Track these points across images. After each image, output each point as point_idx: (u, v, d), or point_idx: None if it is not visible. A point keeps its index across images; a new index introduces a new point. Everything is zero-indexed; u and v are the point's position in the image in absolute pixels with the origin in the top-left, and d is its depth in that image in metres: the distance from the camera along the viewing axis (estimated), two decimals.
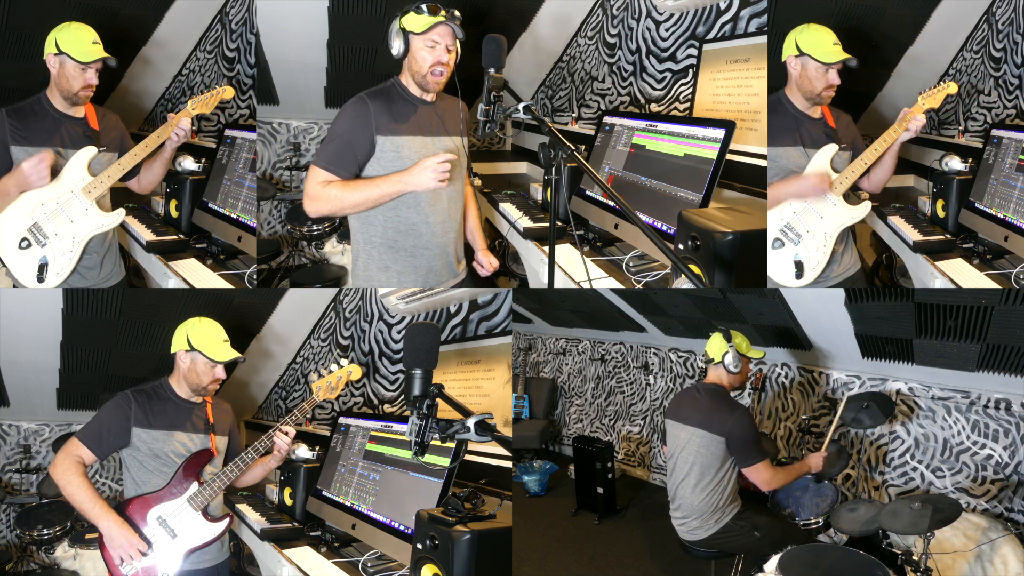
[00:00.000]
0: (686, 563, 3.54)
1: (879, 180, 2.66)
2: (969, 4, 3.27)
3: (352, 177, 2.40)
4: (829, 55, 2.49)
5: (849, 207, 2.59)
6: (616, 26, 3.76)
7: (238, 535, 3.35)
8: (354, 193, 2.35)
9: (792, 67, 2.57)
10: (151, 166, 2.81)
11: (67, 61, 2.56)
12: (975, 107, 3.42)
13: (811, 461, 3.00)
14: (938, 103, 2.57)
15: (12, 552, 3.95)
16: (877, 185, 2.68)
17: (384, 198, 2.37)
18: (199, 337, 2.58)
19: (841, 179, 2.57)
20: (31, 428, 4.13)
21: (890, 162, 2.61)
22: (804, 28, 2.55)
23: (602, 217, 3.15)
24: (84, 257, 2.69)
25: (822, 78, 2.51)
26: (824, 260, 2.59)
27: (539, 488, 4.91)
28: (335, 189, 2.35)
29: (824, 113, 2.61)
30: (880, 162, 2.61)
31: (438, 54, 2.34)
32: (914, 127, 2.51)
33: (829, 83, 2.51)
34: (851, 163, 2.59)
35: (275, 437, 2.68)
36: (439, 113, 2.46)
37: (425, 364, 1.79)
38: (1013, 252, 2.82)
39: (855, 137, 2.65)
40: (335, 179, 2.37)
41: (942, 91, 2.59)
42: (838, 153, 2.58)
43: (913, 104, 2.56)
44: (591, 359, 5.49)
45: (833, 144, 2.57)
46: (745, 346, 3.02)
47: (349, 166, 2.38)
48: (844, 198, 2.59)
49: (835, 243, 2.59)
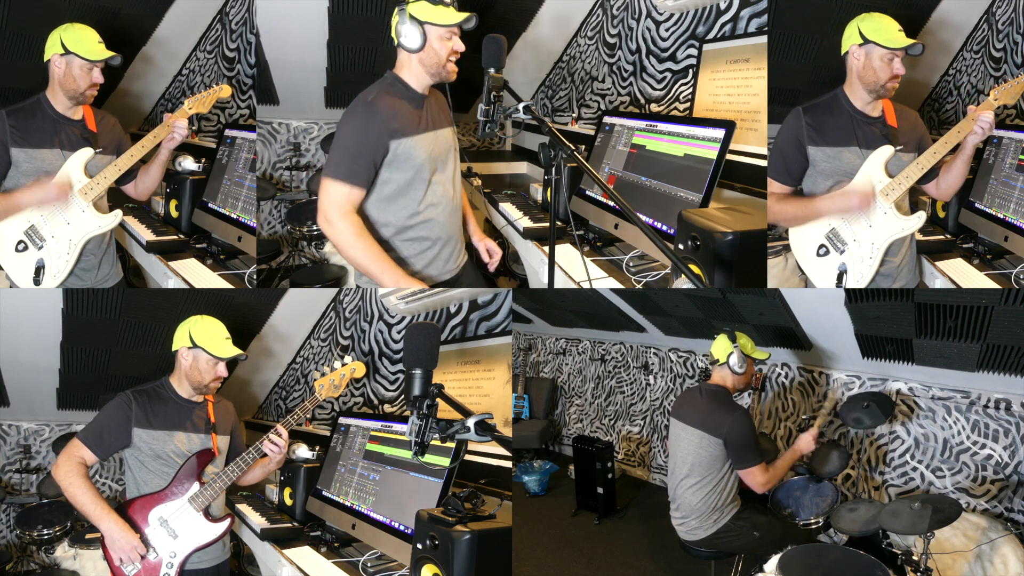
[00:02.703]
0: (686, 563, 3.54)
1: (948, 188, 2.40)
2: (969, 4, 3.27)
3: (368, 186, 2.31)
4: (896, 41, 2.27)
5: (901, 217, 2.35)
6: (616, 26, 3.76)
7: (238, 535, 3.35)
8: (364, 258, 2.26)
9: (855, 57, 2.35)
10: (147, 170, 2.78)
11: (75, 60, 2.56)
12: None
13: (801, 444, 2.95)
14: (1014, 99, 2.30)
15: (12, 552, 3.95)
16: (946, 193, 2.44)
17: (385, 284, 2.31)
18: (201, 334, 2.58)
19: (893, 185, 2.32)
20: (31, 428, 4.13)
21: (961, 167, 2.35)
22: (865, 16, 2.34)
23: (602, 217, 3.15)
24: (82, 259, 2.69)
25: (887, 67, 2.30)
26: (870, 272, 2.38)
27: (539, 488, 4.91)
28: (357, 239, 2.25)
29: (885, 111, 2.39)
30: (950, 167, 2.37)
31: (455, 43, 2.29)
32: (981, 127, 2.26)
33: (894, 73, 2.30)
34: (907, 167, 2.34)
35: (264, 447, 2.63)
36: (433, 105, 2.42)
37: (425, 364, 1.78)
38: (1013, 252, 2.82)
39: (922, 136, 2.41)
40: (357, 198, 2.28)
41: (1020, 84, 2.29)
42: (895, 155, 2.35)
43: (983, 101, 2.31)
44: (591, 359, 5.49)
45: (888, 146, 2.35)
46: (750, 347, 3.02)
47: (368, 174, 2.28)
48: (897, 207, 2.34)
49: (886, 254, 2.38)
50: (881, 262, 2.39)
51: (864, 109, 2.39)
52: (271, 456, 2.67)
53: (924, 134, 2.43)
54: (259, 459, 2.69)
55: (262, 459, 2.71)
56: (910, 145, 2.39)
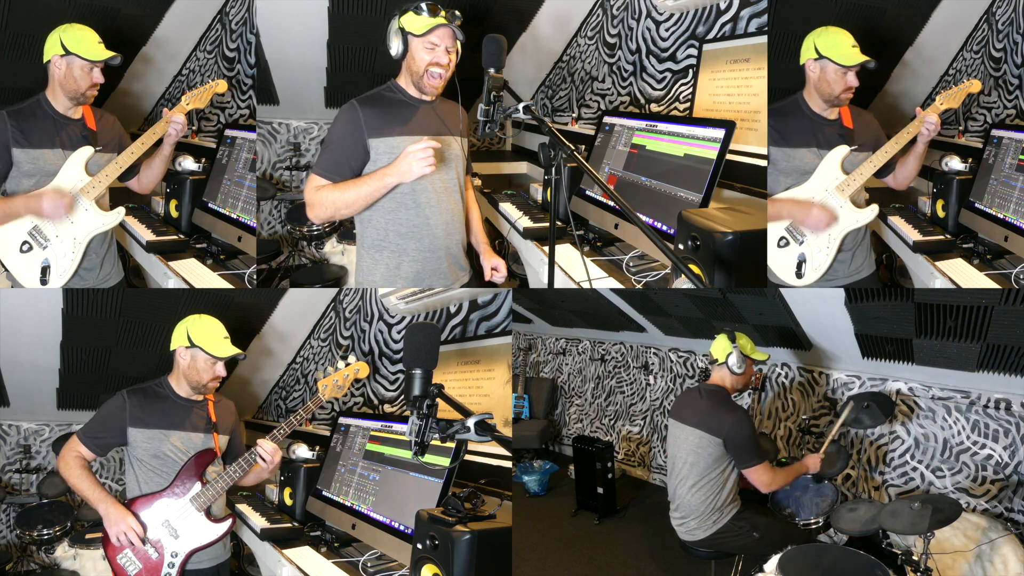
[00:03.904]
0: (686, 563, 3.54)
1: (904, 179, 2.63)
2: (969, 4, 3.27)
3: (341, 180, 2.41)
4: (848, 58, 2.46)
5: (855, 210, 2.55)
6: (616, 26, 3.76)
7: (238, 535, 3.35)
8: (344, 193, 2.37)
9: (811, 70, 2.54)
10: (150, 165, 2.80)
11: (75, 61, 2.56)
12: (975, 107, 3.42)
13: (809, 462, 3.00)
14: (958, 103, 2.51)
15: (12, 552, 3.95)
16: (902, 183, 2.66)
17: (374, 194, 2.37)
18: (199, 333, 2.58)
19: (848, 181, 2.53)
20: (31, 428, 4.13)
21: (914, 163, 2.57)
22: (822, 31, 2.52)
23: (602, 217, 3.15)
24: (84, 258, 2.69)
25: (841, 80, 2.49)
26: (827, 262, 2.57)
27: (539, 488, 4.91)
28: (327, 192, 2.38)
29: (841, 113, 2.58)
30: (904, 162, 2.59)
31: (437, 56, 2.33)
32: (927, 128, 2.48)
33: (847, 85, 2.49)
34: (861, 165, 2.54)
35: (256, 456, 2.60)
36: (439, 114, 2.45)
37: (425, 364, 1.79)
38: (1013, 252, 2.82)
39: (877, 136, 2.60)
40: (327, 184, 2.39)
41: (963, 90, 2.50)
42: (851, 154, 2.54)
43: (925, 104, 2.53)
44: (591, 359, 5.49)
45: (844, 146, 2.54)
46: (749, 348, 3.02)
47: (343, 172, 2.40)
48: (852, 201, 2.55)
49: (843, 245, 2.56)
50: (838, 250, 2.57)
51: (822, 113, 2.58)
52: (262, 467, 2.65)
53: (880, 135, 2.61)
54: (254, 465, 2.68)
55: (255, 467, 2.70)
56: (866, 145, 2.57)
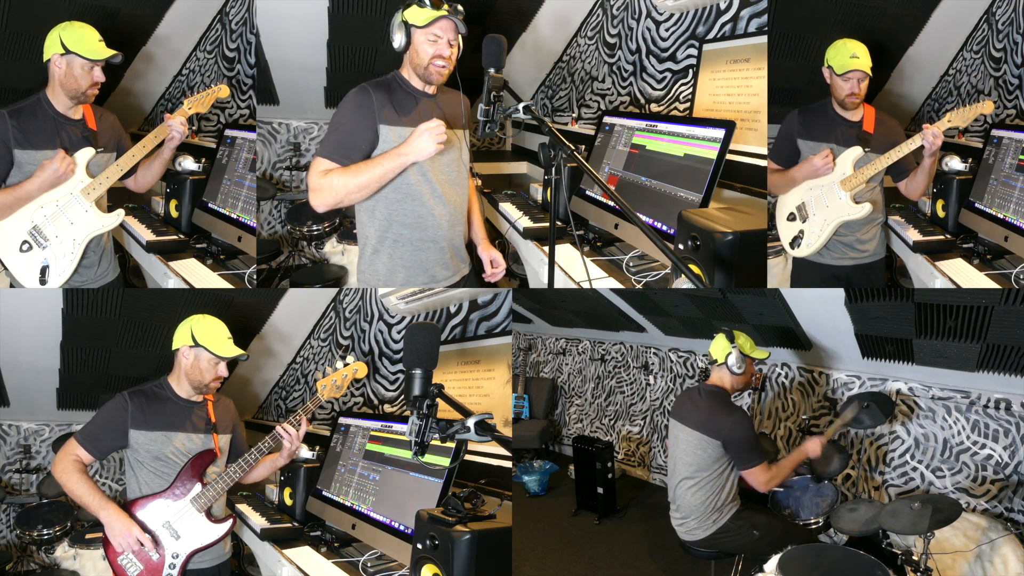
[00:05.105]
0: (686, 563, 3.54)
1: (913, 190, 2.80)
2: (969, 4, 3.27)
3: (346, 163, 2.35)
4: (843, 66, 2.70)
5: (851, 205, 2.76)
6: (616, 26, 3.76)
7: (238, 535, 3.35)
8: (357, 176, 2.30)
9: (826, 77, 2.79)
10: (149, 165, 2.81)
11: (75, 60, 2.55)
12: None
13: (808, 446, 2.94)
14: (965, 123, 2.57)
15: (12, 552, 3.95)
16: (912, 193, 2.82)
17: (387, 175, 2.32)
18: (203, 333, 2.58)
19: (852, 178, 2.74)
20: (31, 428, 4.13)
21: (922, 177, 2.71)
22: (835, 43, 2.76)
23: (602, 217, 3.15)
24: (84, 258, 2.69)
25: (840, 86, 2.74)
26: (818, 243, 2.82)
27: (539, 488, 4.91)
28: (337, 176, 2.30)
29: (865, 116, 2.78)
30: (913, 175, 2.74)
31: (440, 48, 2.32)
32: (928, 141, 2.57)
33: (849, 91, 2.72)
34: (866, 165, 2.72)
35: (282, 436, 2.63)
36: (440, 106, 2.45)
37: (425, 364, 1.79)
38: (1013, 252, 2.82)
39: (895, 143, 2.69)
40: (336, 167, 2.32)
41: (974, 110, 2.55)
42: (864, 156, 2.74)
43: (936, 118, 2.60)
44: (591, 359, 5.49)
45: (858, 147, 2.75)
46: (749, 347, 3.00)
47: (353, 155, 2.33)
48: (852, 197, 2.75)
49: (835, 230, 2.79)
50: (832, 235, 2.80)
51: (843, 114, 2.80)
52: (286, 446, 2.65)
53: (898, 142, 2.70)
54: (267, 455, 2.68)
55: (269, 455, 2.70)
56: (879, 148, 2.73)
